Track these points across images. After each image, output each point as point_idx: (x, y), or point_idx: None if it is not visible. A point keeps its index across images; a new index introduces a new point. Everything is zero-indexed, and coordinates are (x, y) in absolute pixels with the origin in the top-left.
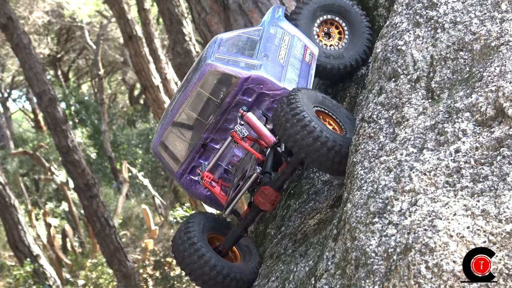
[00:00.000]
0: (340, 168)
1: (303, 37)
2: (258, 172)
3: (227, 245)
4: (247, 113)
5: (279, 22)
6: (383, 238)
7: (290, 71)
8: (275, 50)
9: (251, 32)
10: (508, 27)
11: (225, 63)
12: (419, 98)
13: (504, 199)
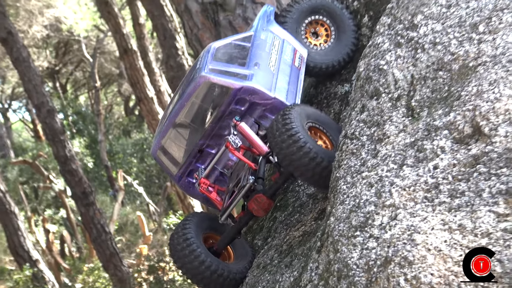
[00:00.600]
0: (327, 183)
1: (293, 40)
2: (251, 182)
3: (221, 246)
4: (240, 123)
5: (270, 26)
6: (364, 251)
7: (281, 79)
8: (266, 57)
9: (242, 38)
10: (485, 48)
11: (218, 74)
12: (400, 116)
13: (480, 214)
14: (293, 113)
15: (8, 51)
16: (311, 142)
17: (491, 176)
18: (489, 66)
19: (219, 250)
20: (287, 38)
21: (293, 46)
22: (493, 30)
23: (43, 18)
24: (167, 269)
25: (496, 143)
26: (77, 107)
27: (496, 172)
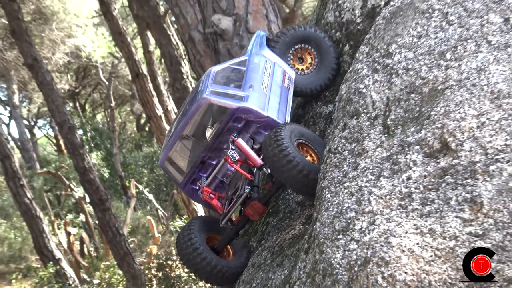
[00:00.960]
0: (313, 192)
1: (282, 63)
2: (248, 192)
3: (221, 245)
4: (237, 139)
5: (262, 51)
6: (346, 252)
7: (272, 99)
8: (259, 79)
9: (238, 62)
10: (452, 73)
11: (218, 96)
12: (377, 133)
13: (448, 220)
14: (284, 131)
15: (34, 76)
16: (299, 157)
17: (458, 186)
18: (455, 89)
19: (220, 248)
20: (277, 61)
21: (283, 69)
22: (458, 57)
23: (64, 47)
24: (174, 266)
25: (462, 157)
26: (95, 124)
27: (462, 183)
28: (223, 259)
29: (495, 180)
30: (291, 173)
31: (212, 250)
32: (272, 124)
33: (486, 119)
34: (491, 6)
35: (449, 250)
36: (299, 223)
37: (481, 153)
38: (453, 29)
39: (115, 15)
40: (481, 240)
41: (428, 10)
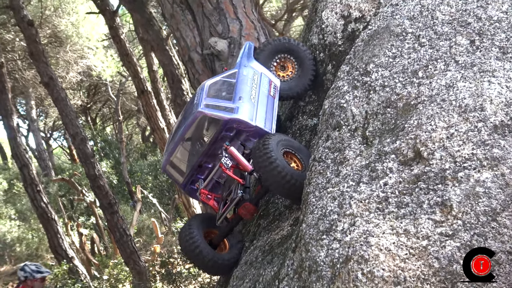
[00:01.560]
0: (296, 196)
1: (268, 73)
2: (240, 196)
3: (217, 240)
4: (230, 147)
5: (250, 63)
6: (330, 250)
7: (260, 108)
8: (248, 91)
9: (229, 75)
10: (424, 89)
11: (211, 109)
12: (357, 144)
13: (421, 221)
14: (271, 141)
15: (50, 93)
16: (284, 165)
17: (430, 191)
18: (426, 104)
19: (217, 242)
20: (264, 71)
21: (269, 78)
22: (429, 75)
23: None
24: (176, 263)
25: (433, 164)
26: (104, 136)
27: (434, 188)
28: (218, 253)
29: (463, 185)
30: (276, 180)
31: (210, 243)
32: (260, 132)
33: (455, 130)
34: (459, 29)
35: (422, 248)
36: (287, 225)
37: (450, 161)
38: (424, 50)
39: (122, 39)
40: (451, 240)
41: (402, 33)
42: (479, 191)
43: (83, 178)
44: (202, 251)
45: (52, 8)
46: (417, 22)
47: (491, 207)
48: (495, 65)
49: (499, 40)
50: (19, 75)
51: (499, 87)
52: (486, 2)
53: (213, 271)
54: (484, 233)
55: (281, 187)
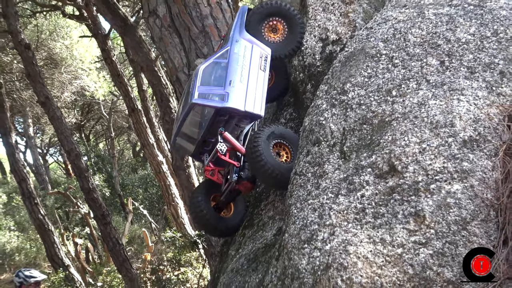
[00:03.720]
0: (280, 186)
1: (259, 44)
2: (235, 180)
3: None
4: (224, 133)
5: (241, 36)
6: (311, 259)
7: (250, 89)
8: (238, 72)
9: (221, 55)
10: (397, 107)
11: (203, 99)
12: (335, 158)
13: (396, 230)
14: (262, 137)
15: (46, 111)
16: (270, 159)
17: (404, 202)
18: (400, 121)
19: (223, 207)
20: (255, 42)
21: (260, 50)
22: (402, 94)
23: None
24: (165, 270)
25: (407, 177)
26: (97, 151)
27: (407, 199)
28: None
29: (435, 196)
30: (263, 174)
31: (217, 206)
32: (251, 115)
33: (427, 145)
34: (429, 51)
35: (397, 256)
36: (271, 235)
37: (423, 174)
38: (397, 70)
39: (114, 60)
40: (424, 248)
41: (376, 54)
42: (450, 202)
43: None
44: (208, 219)
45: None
46: (390, 44)
47: (461, 217)
48: (464, 84)
49: (467, 61)
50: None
51: (468, 104)
52: (454, 25)
53: (216, 234)
54: (455, 241)
55: (267, 180)
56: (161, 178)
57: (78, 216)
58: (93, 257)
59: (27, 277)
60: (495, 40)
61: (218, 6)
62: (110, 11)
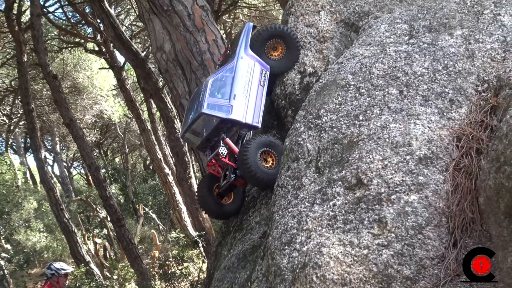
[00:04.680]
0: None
1: (261, 61)
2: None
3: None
4: (226, 138)
5: (246, 52)
6: (290, 258)
7: (250, 103)
8: (241, 86)
9: (228, 69)
10: (364, 130)
11: (211, 109)
12: (311, 173)
13: (362, 234)
14: (252, 146)
15: (70, 131)
16: (255, 166)
17: (369, 210)
18: (366, 141)
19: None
20: (258, 59)
21: (261, 67)
22: (368, 118)
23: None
24: (171, 265)
25: (371, 189)
26: (114, 165)
27: (372, 208)
28: (222, 205)
29: (395, 205)
30: (249, 177)
31: (219, 194)
32: (249, 125)
33: (388, 162)
34: (390, 82)
35: (363, 256)
36: (257, 237)
37: (385, 186)
38: (363, 98)
39: (127, 88)
40: (386, 249)
41: (346, 85)
42: (408, 210)
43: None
44: (210, 205)
45: (72, 65)
46: (357, 76)
47: (417, 223)
48: (419, 110)
49: (422, 90)
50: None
51: (423, 127)
52: (411, 61)
53: (218, 218)
54: (413, 244)
55: (252, 181)
56: (168, 187)
57: (97, 219)
58: (109, 254)
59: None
60: (445, 73)
61: (214, 43)
62: (124, 47)
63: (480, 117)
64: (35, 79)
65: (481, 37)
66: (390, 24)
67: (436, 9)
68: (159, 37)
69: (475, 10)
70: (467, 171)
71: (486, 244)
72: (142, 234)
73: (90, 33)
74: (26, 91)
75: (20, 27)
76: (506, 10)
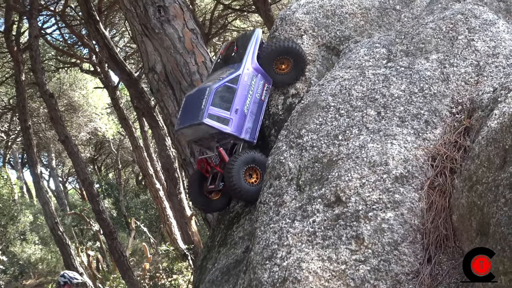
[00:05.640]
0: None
1: (265, 75)
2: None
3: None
4: (220, 148)
5: (252, 65)
6: (271, 273)
7: (249, 120)
8: (243, 100)
9: (232, 79)
10: (343, 149)
11: (212, 121)
12: (292, 190)
13: (340, 250)
14: (238, 162)
15: (66, 148)
16: (239, 183)
17: (347, 226)
18: (345, 160)
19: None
20: (262, 72)
21: (264, 81)
22: (347, 138)
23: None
24: (160, 277)
25: (350, 206)
26: (107, 180)
27: (350, 224)
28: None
29: (372, 222)
30: (232, 191)
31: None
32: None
33: (366, 180)
34: (368, 103)
35: (341, 271)
36: (240, 252)
37: (363, 204)
38: (343, 119)
39: (121, 107)
40: (363, 264)
41: (326, 106)
42: (384, 227)
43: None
44: (199, 200)
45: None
46: (337, 98)
47: (393, 239)
48: (396, 130)
49: (399, 112)
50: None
51: (399, 147)
52: (389, 83)
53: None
54: (389, 259)
55: (234, 195)
56: (158, 202)
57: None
58: (102, 266)
59: (71, 277)
60: (421, 95)
61: (203, 65)
62: (118, 68)
63: (454, 138)
64: (32, 97)
65: (456, 61)
66: (369, 48)
67: (413, 34)
68: (151, 58)
69: (450, 35)
70: (441, 189)
71: (459, 260)
72: (133, 247)
73: (86, 54)
74: (23, 108)
75: (18, 47)
76: (479, 36)
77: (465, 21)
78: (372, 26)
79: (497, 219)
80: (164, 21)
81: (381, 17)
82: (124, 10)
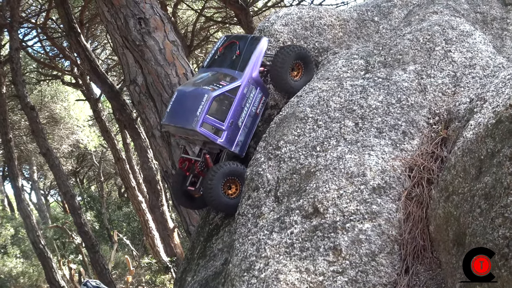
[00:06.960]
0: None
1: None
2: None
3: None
4: (207, 156)
5: (254, 76)
6: (249, 285)
7: (242, 134)
8: (239, 113)
9: (232, 89)
10: (321, 160)
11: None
12: (270, 202)
13: (318, 261)
14: (218, 174)
15: (47, 161)
16: (217, 195)
17: (325, 238)
18: (323, 172)
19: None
20: (261, 85)
21: (262, 94)
22: (325, 149)
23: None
24: None
25: (327, 218)
26: (89, 192)
27: (328, 235)
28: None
29: (350, 233)
30: (211, 202)
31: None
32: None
33: (343, 191)
34: (346, 114)
35: (319, 283)
36: (219, 264)
37: (340, 215)
38: (321, 130)
39: (103, 119)
40: (341, 276)
41: (304, 117)
42: (362, 238)
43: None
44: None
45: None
46: (315, 109)
47: (371, 250)
48: (374, 141)
49: (376, 123)
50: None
51: (377, 158)
52: (366, 94)
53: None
54: (366, 270)
55: (213, 207)
56: (141, 214)
57: (73, 245)
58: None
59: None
60: (398, 106)
61: (184, 77)
62: (100, 80)
63: (431, 149)
64: (13, 110)
65: (433, 72)
66: (348, 59)
67: (391, 46)
68: (132, 71)
69: (427, 46)
70: (419, 200)
71: (437, 271)
72: (116, 260)
73: (67, 66)
74: (4, 121)
75: None
76: (456, 47)
77: (442, 32)
78: (351, 38)
79: (473, 229)
80: (144, 33)
81: (360, 28)
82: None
